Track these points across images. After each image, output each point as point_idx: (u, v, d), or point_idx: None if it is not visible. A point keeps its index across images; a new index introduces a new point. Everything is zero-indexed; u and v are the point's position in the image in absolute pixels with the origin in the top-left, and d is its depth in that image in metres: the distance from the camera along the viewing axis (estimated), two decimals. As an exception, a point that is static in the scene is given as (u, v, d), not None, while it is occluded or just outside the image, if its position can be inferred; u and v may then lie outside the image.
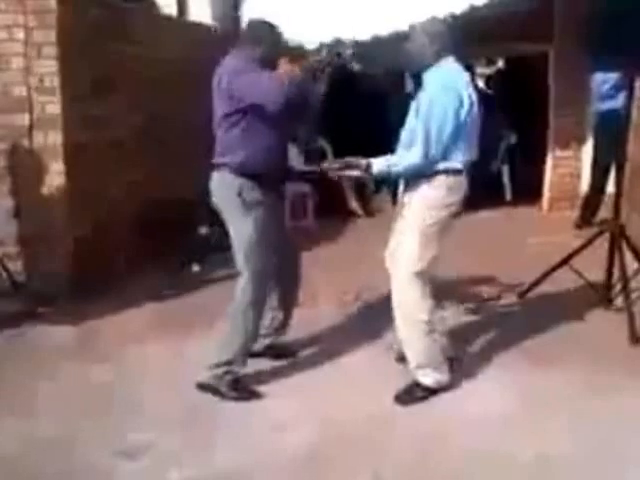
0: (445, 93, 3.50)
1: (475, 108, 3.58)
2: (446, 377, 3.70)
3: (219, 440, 3.32)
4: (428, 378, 3.65)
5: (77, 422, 3.48)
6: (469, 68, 6.27)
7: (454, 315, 4.68)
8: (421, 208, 3.59)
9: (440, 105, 3.48)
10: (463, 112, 3.51)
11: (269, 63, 3.67)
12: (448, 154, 3.55)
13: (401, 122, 3.83)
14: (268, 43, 3.69)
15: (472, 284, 5.25)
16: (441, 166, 3.55)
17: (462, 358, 4.01)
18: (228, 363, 3.70)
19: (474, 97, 3.58)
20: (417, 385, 3.67)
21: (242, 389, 3.74)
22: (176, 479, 3.03)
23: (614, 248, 4.63)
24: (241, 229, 3.65)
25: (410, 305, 3.59)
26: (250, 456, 3.19)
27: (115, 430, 3.39)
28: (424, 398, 3.64)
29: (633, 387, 3.69)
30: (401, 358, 3.88)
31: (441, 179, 3.57)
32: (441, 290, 3.89)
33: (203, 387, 3.73)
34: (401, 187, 3.97)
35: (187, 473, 3.07)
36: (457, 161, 3.57)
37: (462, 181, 3.64)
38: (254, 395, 3.73)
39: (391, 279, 3.70)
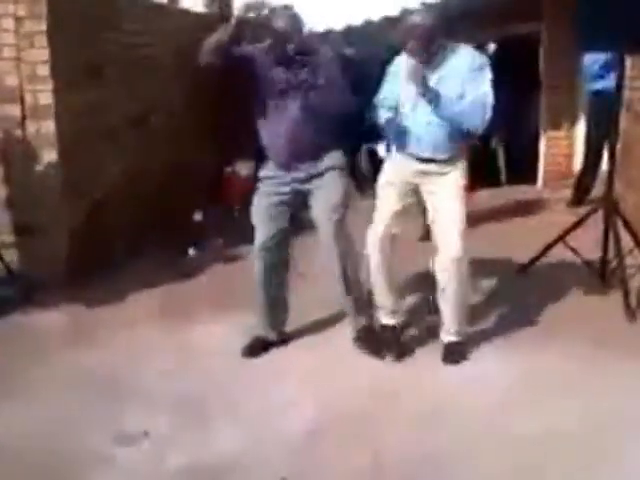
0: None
1: None
2: None
3: (217, 424, 3.32)
4: (462, 336, 3.97)
5: (74, 408, 3.47)
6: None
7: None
8: (459, 193, 3.82)
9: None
10: None
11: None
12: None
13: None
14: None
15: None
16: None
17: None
18: None
19: None
20: (457, 344, 3.93)
21: (254, 346, 4.04)
22: (176, 464, 3.03)
23: (609, 225, 4.65)
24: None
25: (464, 280, 3.84)
26: (249, 439, 3.20)
27: (113, 416, 3.39)
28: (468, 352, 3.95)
29: (630, 364, 3.70)
30: None
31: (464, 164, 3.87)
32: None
33: None
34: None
35: (187, 458, 3.06)
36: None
37: None
38: (254, 352, 3.99)
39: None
